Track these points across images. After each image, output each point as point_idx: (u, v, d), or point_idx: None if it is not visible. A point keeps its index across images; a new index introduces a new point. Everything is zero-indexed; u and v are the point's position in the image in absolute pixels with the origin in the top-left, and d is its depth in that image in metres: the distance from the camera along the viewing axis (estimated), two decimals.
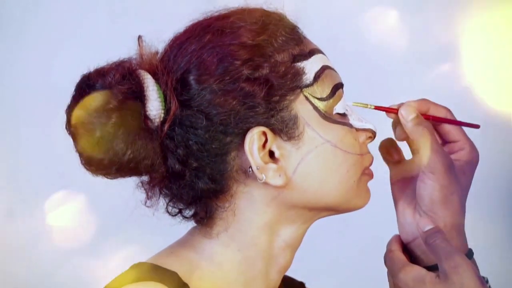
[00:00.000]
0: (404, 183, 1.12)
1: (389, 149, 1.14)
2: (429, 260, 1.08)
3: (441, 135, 1.11)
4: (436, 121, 1.10)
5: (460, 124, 1.10)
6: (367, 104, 1.09)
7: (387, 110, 1.09)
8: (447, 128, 1.11)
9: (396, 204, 1.12)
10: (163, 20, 1.34)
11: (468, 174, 1.09)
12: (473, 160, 1.10)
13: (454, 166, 1.07)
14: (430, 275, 1.03)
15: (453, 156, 1.10)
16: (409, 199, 1.10)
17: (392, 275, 1.08)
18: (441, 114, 1.10)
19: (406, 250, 1.11)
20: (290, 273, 1.18)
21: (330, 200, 1.06)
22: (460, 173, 1.08)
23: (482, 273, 1.05)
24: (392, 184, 1.14)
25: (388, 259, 1.09)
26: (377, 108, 1.09)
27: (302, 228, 1.09)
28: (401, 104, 1.09)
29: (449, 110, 1.11)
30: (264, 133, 1.03)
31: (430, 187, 1.06)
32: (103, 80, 1.00)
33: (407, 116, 1.07)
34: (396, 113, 1.08)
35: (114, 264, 1.08)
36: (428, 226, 1.05)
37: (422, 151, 1.06)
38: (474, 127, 1.12)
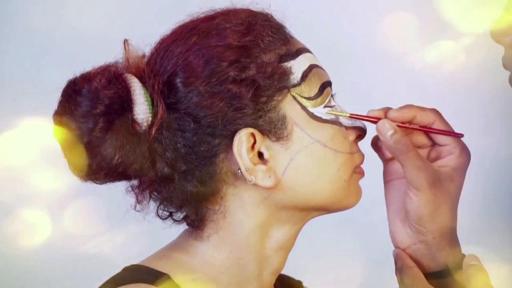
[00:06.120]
0: (395, 185, 1.11)
1: (380, 147, 1.13)
2: (425, 268, 1.08)
3: (430, 138, 1.10)
4: (418, 130, 1.08)
5: (442, 133, 1.08)
6: (342, 112, 1.07)
7: (364, 119, 1.08)
8: (435, 128, 1.09)
9: (387, 209, 1.11)
10: (149, 22, 1.34)
11: (457, 180, 1.08)
12: (462, 165, 1.08)
13: (439, 178, 1.06)
14: None
15: (440, 162, 1.08)
16: (399, 206, 1.09)
17: None
18: (428, 118, 1.08)
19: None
20: (289, 272, 1.18)
21: (321, 200, 1.05)
22: (447, 181, 1.07)
23: None
24: (384, 183, 1.13)
25: (406, 276, 1.07)
26: (353, 116, 1.08)
27: (294, 228, 1.08)
28: (386, 110, 1.08)
29: (437, 113, 1.09)
30: (253, 134, 1.02)
31: (416, 202, 1.05)
32: (89, 85, 1.00)
33: (385, 134, 1.06)
34: (375, 123, 1.07)
35: (107, 267, 1.08)
36: (472, 261, 1.04)
37: (404, 168, 1.05)
38: (458, 136, 1.09)
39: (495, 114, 1.82)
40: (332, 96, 1.08)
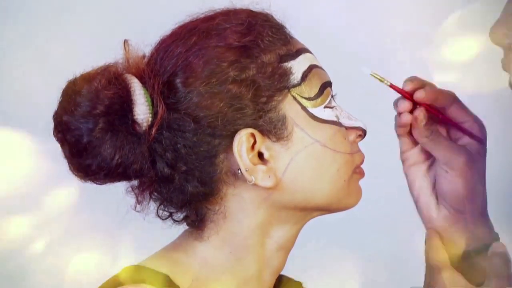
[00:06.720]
0: (420, 169, 1.12)
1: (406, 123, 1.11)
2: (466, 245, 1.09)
3: (448, 118, 1.11)
4: (444, 121, 1.10)
5: (465, 132, 1.10)
6: (383, 79, 1.08)
7: (402, 93, 1.09)
8: (453, 108, 1.10)
9: (417, 195, 1.12)
10: (149, 23, 1.34)
11: (483, 153, 1.09)
12: (484, 138, 1.10)
13: (471, 156, 1.07)
14: None
15: (462, 141, 1.10)
16: (430, 191, 1.10)
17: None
18: (448, 100, 1.09)
19: None
20: (289, 272, 1.18)
21: (321, 200, 1.06)
22: (476, 156, 1.08)
23: None
24: (406, 169, 1.13)
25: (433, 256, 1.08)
26: (392, 86, 1.08)
27: (294, 229, 1.08)
28: (418, 83, 1.08)
29: (454, 95, 1.10)
30: (253, 135, 1.02)
31: (453, 184, 1.06)
32: (89, 86, 1.00)
33: (420, 122, 1.08)
34: (409, 99, 1.08)
35: (106, 267, 1.08)
36: (499, 249, 1.06)
37: (437, 152, 1.07)
38: (478, 140, 1.10)
39: (495, 116, 1.83)
40: (332, 96, 1.08)
